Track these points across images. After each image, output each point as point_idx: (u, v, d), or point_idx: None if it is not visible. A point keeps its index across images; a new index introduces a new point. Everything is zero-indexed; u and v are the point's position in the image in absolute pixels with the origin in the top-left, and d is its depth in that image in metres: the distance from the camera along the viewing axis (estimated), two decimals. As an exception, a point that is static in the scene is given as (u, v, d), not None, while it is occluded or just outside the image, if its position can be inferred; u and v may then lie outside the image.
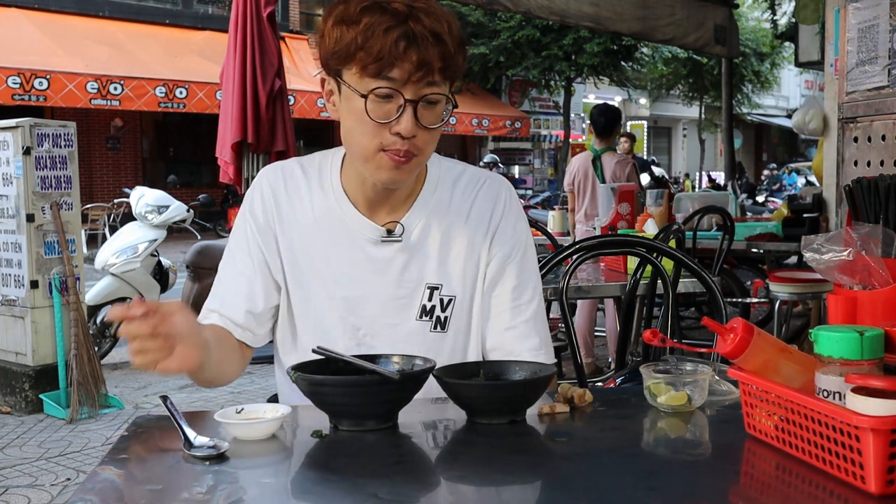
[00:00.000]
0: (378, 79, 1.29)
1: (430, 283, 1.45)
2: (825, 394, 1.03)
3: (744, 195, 12.05)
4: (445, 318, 1.46)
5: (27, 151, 4.49)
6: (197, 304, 6.05)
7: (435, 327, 1.47)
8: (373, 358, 1.30)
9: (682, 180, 21.82)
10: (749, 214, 9.27)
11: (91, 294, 5.42)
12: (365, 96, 1.30)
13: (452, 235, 1.47)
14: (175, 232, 6.76)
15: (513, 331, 1.48)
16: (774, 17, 11.95)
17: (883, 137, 2.58)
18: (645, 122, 25.91)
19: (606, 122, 5.53)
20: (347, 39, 1.29)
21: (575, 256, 2.31)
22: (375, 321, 1.46)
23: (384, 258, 1.45)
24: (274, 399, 1.71)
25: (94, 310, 5.48)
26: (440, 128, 1.36)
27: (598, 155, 5.51)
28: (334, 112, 1.39)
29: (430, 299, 1.45)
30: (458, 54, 1.32)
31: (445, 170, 1.51)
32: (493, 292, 1.49)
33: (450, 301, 1.46)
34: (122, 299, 5.64)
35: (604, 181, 5.35)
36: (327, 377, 1.22)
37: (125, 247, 5.63)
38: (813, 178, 13.80)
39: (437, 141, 1.39)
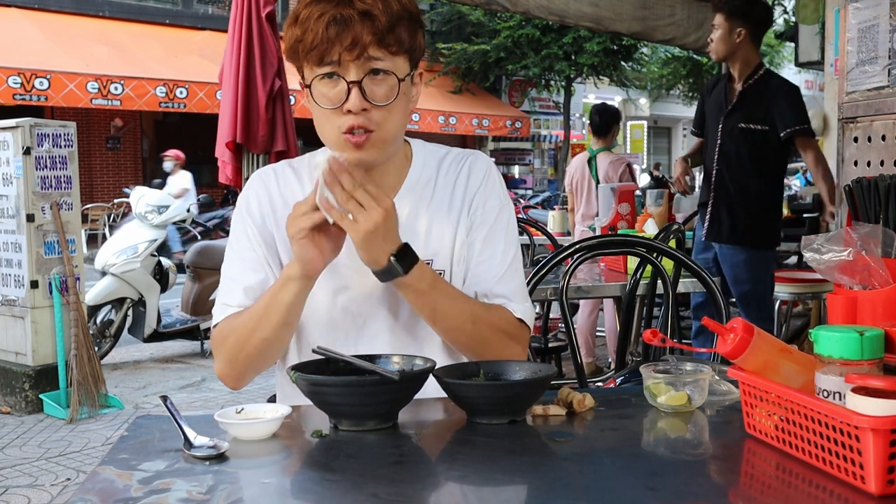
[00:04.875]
0: (321, 66, 1.36)
1: (422, 260, 1.45)
2: (825, 394, 1.03)
3: None
4: None
5: (27, 151, 4.50)
6: (197, 304, 6.07)
7: None
8: (373, 358, 1.30)
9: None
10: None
11: (91, 294, 5.42)
12: (308, 85, 1.38)
13: (439, 212, 1.50)
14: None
15: (483, 284, 1.50)
16: (784, 13, 11.89)
17: (883, 137, 2.58)
18: (645, 122, 25.88)
19: (602, 121, 5.53)
20: (293, 38, 1.38)
21: (575, 256, 2.31)
22: (375, 308, 1.46)
23: None
24: (274, 399, 1.71)
25: (94, 310, 5.48)
26: (395, 103, 1.39)
27: (594, 155, 5.51)
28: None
29: None
30: (396, 27, 1.36)
31: (430, 152, 1.56)
32: (467, 255, 1.51)
33: (441, 274, 1.48)
34: (122, 299, 5.66)
35: (598, 181, 5.35)
36: (327, 377, 1.22)
37: (125, 247, 5.63)
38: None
39: (402, 118, 1.42)
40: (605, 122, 5.52)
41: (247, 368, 1.45)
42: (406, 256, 1.33)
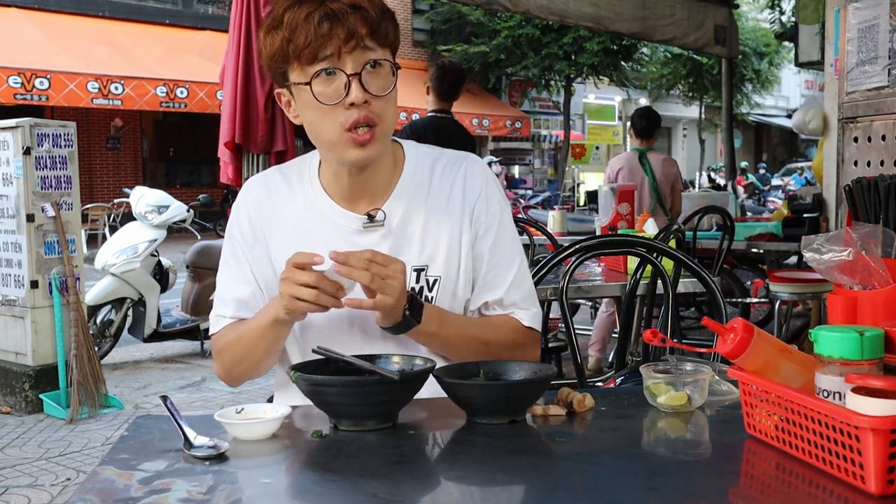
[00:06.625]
0: (316, 62, 1.36)
1: (415, 266, 1.47)
2: (825, 394, 1.03)
3: None
4: (432, 298, 1.48)
5: (27, 151, 4.49)
6: (197, 304, 6.07)
7: None
8: (373, 358, 1.30)
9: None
10: (749, 214, 9.28)
11: (91, 294, 5.41)
12: (308, 83, 1.37)
13: (434, 217, 1.49)
14: (175, 232, 6.76)
15: (494, 293, 1.51)
16: (781, 15, 11.90)
17: (883, 137, 2.58)
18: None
19: (647, 125, 5.81)
20: (278, 42, 1.37)
21: (575, 256, 2.31)
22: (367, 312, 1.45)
23: (369, 245, 1.44)
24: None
25: (94, 310, 5.48)
26: (392, 94, 1.40)
27: (643, 153, 5.70)
28: (297, 119, 1.45)
29: (416, 281, 1.47)
30: (383, 20, 1.39)
31: (423, 154, 1.55)
32: (475, 266, 1.52)
33: (435, 281, 1.48)
34: (122, 299, 5.65)
35: (654, 178, 5.57)
36: (327, 377, 1.22)
37: (125, 247, 5.63)
38: (811, 177, 13.78)
39: (396, 111, 1.44)
40: (651, 125, 5.81)
41: (242, 377, 1.55)
42: (415, 305, 1.36)
